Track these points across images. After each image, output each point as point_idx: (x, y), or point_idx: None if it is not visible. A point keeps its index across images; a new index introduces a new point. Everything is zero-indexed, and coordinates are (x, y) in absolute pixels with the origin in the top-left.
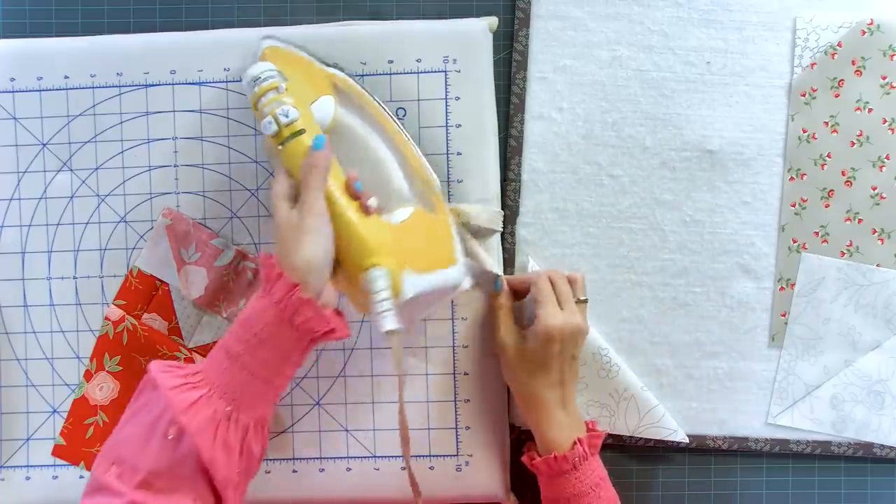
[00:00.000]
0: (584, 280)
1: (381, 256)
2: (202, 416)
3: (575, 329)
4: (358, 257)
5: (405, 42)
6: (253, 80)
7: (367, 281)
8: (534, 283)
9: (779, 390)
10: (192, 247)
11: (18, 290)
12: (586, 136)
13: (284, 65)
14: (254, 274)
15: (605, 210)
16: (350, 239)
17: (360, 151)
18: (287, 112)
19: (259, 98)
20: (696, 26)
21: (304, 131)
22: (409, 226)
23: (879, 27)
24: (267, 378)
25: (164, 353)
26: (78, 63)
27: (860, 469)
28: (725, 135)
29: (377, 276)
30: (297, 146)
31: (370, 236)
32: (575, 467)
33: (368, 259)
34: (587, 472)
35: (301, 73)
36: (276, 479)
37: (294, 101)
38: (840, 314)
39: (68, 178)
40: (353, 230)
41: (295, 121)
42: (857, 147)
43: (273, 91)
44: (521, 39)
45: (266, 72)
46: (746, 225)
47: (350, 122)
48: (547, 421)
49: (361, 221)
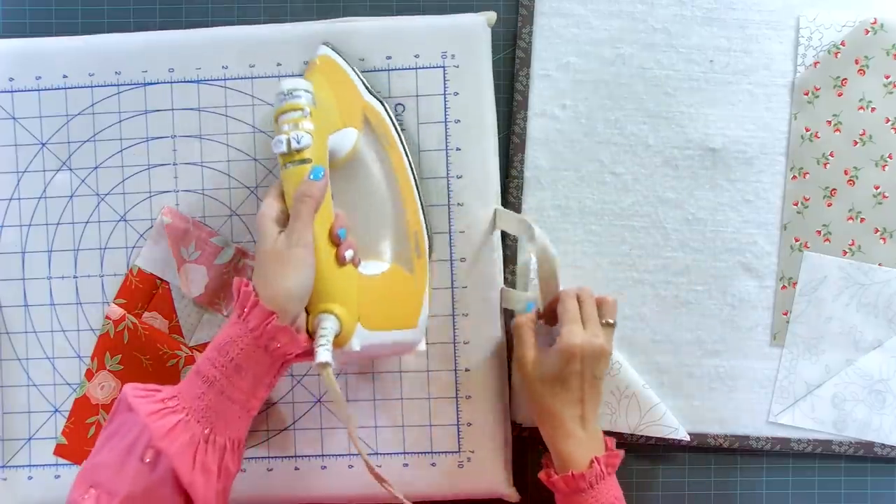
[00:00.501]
0: (616, 304)
1: (336, 305)
2: (181, 440)
3: (597, 350)
4: (316, 298)
5: (403, 38)
6: (284, 93)
7: (316, 322)
8: (561, 300)
9: (780, 389)
10: (191, 245)
11: (19, 289)
12: (589, 134)
13: (327, 81)
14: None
15: (607, 208)
16: (315, 280)
17: (363, 193)
18: (300, 138)
19: (281, 113)
20: (699, 24)
21: (310, 161)
22: (379, 282)
23: (883, 26)
24: (242, 401)
25: (164, 352)
26: (76, 62)
27: (860, 469)
28: (728, 133)
29: (325, 321)
30: (299, 173)
31: (334, 283)
32: (591, 486)
33: (324, 304)
34: (603, 491)
35: (338, 96)
36: (279, 477)
37: (313, 129)
38: (842, 313)
39: (68, 178)
40: (320, 272)
41: (305, 148)
42: (859, 146)
43: (297, 112)
44: (525, 37)
45: (299, 90)
46: (748, 223)
47: (367, 162)
48: (564, 438)
49: (330, 266)
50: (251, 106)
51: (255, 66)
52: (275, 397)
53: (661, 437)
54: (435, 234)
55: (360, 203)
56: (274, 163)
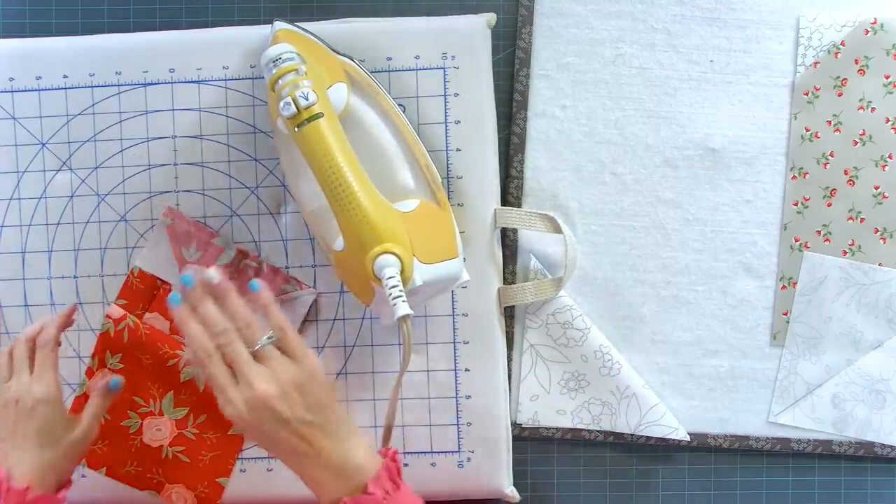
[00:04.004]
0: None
1: (391, 243)
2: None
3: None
4: (368, 243)
5: (404, 39)
6: (272, 60)
7: (378, 267)
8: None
9: (780, 389)
10: (192, 246)
11: (19, 289)
12: (589, 134)
13: (299, 45)
14: (255, 273)
15: (607, 208)
16: (361, 224)
17: (369, 140)
18: (307, 94)
19: (277, 79)
20: (699, 24)
21: (323, 115)
22: (416, 216)
23: (883, 26)
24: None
25: (165, 352)
26: (77, 62)
27: (860, 469)
28: (728, 133)
29: (388, 262)
30: (314, 130)
31: (381, 222)
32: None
33: (380, 245)
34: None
35: (315, 57)
36: (279, 477)
37: (313, 85)
38: (842, 313)
39: (68, 178)
40: (364, 215)
41: (314, 104)
42: (859, 146)
43: (293, 73)
44: (524, 37)
45: (286, 53)
46: (748, 223)
47: (361, 112)
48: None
49: (373, 207)
50: (251, 106)
51: (256, 66)
52: None
53: (661, 437)
54: None
55: (370, 152)
56: (274, 163)
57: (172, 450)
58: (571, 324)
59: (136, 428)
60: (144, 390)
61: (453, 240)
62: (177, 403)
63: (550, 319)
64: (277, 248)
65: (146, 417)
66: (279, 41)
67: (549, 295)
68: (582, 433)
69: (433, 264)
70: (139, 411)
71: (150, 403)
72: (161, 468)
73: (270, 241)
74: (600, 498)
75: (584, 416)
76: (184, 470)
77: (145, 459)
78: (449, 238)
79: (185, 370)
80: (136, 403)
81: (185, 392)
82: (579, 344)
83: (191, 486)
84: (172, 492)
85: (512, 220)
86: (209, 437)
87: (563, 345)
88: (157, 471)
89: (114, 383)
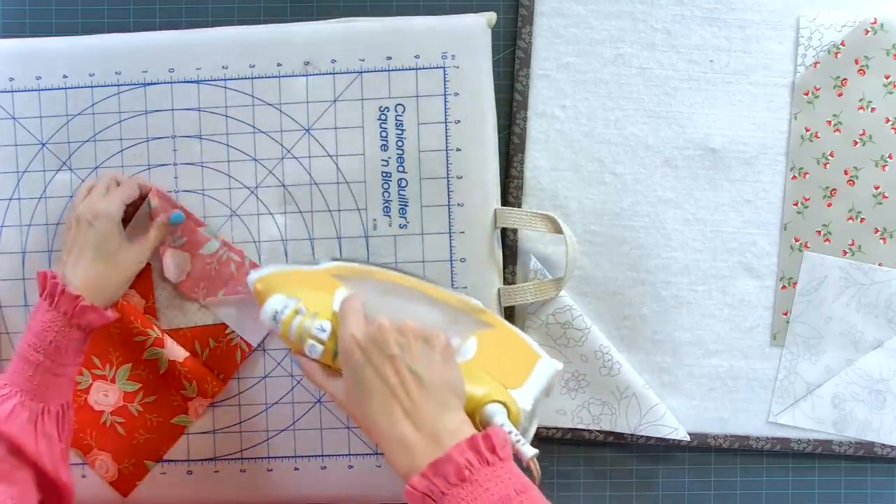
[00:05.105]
0: None
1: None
2: (22, 419)
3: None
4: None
5: (403, 38)
6: (272, 317)
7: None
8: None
9: (780, 389)
10: (178, 231)
11: (19, 289)
12: (589, 134)
13: (284, 286)
14: (237, 267)
15: (607, 208)
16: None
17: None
18: (322, 326)
19: (288, 329)
20: (699, 24)
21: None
22: (481, 351)
23: (883, 26)
24: (66, 374)
25: (135, 327)
26: (76, 62)
27: (860, 469)
28: (728, 133)
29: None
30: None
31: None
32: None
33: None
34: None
35: (301, 283)
36: (279, 477)
37: (319, 314)
38: (842, 313)
39: (68, 178)
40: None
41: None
42: (859, 146)
43: (297, 316)
44: (525, 36)
45: (278, 304)
46: (748, 223)
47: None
48: (392, 453)
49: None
50: (251, 106)
51: (256, 66)
52: (274, 397)
53: (661, 437)
54: (435, 234)
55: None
56: (274, 163)
57: (112, 419)
58: (571, 324)
59: (85, 385)
60: (105, 354)
61: (526, 345)
62: (131, 377)
63: (550, 319)
64: (277, 248)
65: (97, 380)
66: (263, 294)
67: (549, 295)
68: (582, 433)
69: (526, 382)
70: (93, 371)
71: (105, 368)
72: (96, 432)
73: (270, 242)
74: (600, 498)
75: (585, 416)
76: (117, 441)
77: (84, 418)
78: (522, 348)
79: (150, 350)
80: (92, 363)
81: (143, 369)
82: (579, 344)
83: (117, 459)
84: (98, 458)
85: (512, 221)
86: (152, 418)
87: (563, 345)
88: (90, 433)
89: (174, 217)
